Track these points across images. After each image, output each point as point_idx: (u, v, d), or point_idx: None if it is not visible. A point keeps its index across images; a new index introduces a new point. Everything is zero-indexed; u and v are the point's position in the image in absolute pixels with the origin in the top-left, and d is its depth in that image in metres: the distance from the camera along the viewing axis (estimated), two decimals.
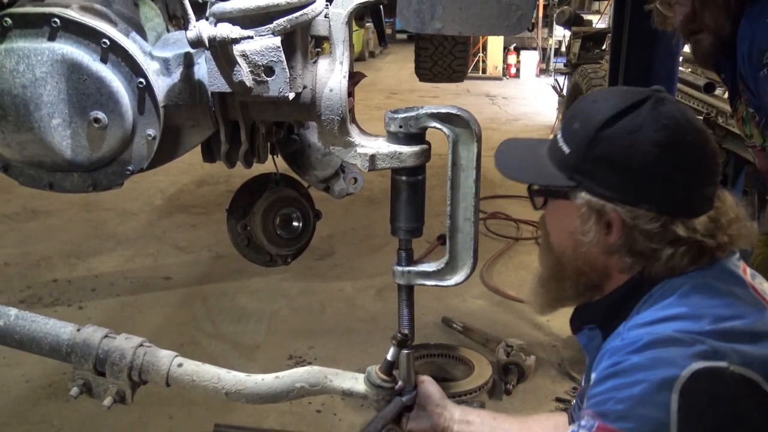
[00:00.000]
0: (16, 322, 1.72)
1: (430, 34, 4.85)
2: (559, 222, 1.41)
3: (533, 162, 1.42)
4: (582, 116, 1.35)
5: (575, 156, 1.33)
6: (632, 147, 1.26)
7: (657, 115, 1.28)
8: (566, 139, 1.36)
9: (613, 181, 1.29)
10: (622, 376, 1.21)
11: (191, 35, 1.54)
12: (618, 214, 1.30)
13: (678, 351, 1.18)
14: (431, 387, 1.75)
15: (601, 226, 1.33)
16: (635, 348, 1.22)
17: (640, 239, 1.30)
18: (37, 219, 6.00)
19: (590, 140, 1.30)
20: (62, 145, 1.77)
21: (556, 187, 1.37)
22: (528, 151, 1.48)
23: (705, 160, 1.30)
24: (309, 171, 2.53)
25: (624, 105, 1.30)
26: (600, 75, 5.84)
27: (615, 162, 1.28)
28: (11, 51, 1.70)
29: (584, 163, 1.31)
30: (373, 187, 6.21)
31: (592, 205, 1.32)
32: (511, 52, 16.90)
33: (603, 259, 1.37)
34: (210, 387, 1.66)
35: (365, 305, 4.53)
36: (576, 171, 1.33)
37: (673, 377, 1.15)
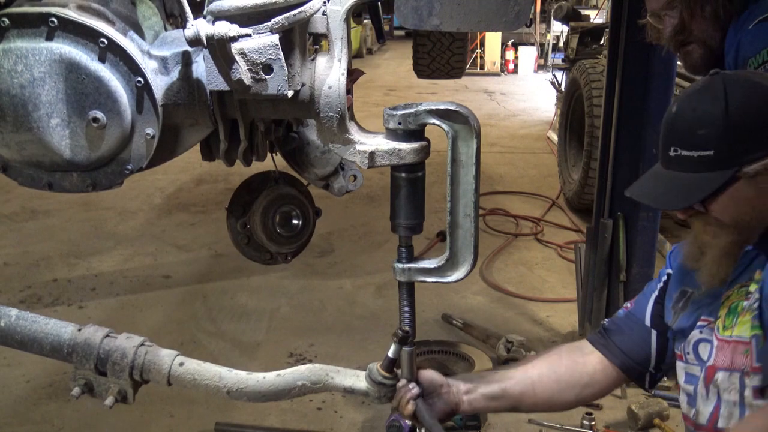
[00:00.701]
0: (17, 323, 1.71)
1: (427, 30, 4.85)
2: (736, 202, 1.50)
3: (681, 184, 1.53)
4: (700, 123, 1.48)
5: (723, 149, 1.46)
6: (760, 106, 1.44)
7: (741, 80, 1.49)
8: (700, 147, 1.48)
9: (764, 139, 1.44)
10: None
11: (189, 34, 1.53)
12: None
13: None
14: (429, 373, 1.79)
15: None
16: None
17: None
18: (36, 219, 6.00)
19: (727, 127, 1.44)
20: (61, 145, 1.77)
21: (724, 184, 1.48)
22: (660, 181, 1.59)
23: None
24: (308, 168, 2.53)
25: (718, 93, 1.46)
26: (598, 70, 5.83)
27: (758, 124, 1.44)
28: (9, 51, 1.70)
29: (736, 146, 1.45)
30: (373, 185, 6.22)
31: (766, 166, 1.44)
32: (509, 48, 16.89)
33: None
34: (211, 386, 1.66)
35: (365, 302, 4.54)
36: (732, 157, 1.45)
37: None
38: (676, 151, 1.51)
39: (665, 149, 1.53)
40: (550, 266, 5.19)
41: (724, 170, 1.46)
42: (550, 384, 1.81)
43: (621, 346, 1.80)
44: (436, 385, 1.76)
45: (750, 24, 1.97)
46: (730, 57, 2.03)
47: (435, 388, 1.76)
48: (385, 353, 1.70)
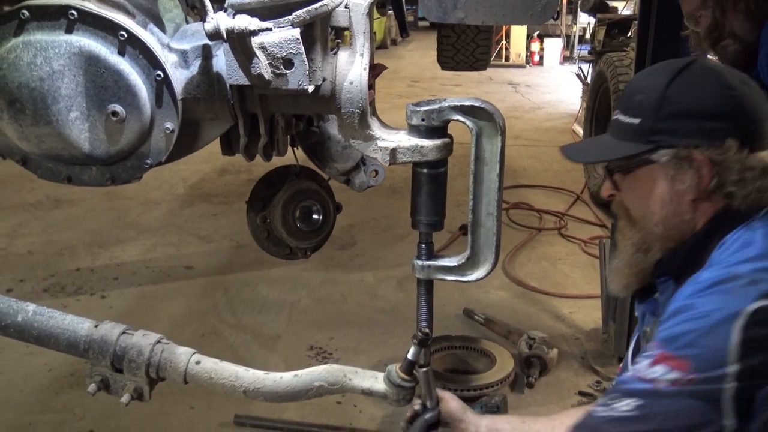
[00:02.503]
0: (34, 318, 1.71)
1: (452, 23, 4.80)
2: (643, 190, 1.46)
3: (601, 146, 1.52)
4: (641, 89, 1.46)
5: (648, 121, 1.41)
6: (703, 93, 1.38)
7: (708, 67, 1.44)
8: (632, 113, 1.45)
9: (689, 129, 1.38)
10: (688, 310, 1.28)
11: (209, 27, 1.51)
12: (705, 156, 1.37)
13: (745, 288, 1.25)
14: (452, 403, 1.73)
15: (690, 174, 1.40)
16: (701, 289, 1.30)
17: (731, 174, 1.37)
18: (60, 208, 6.05)
19: (659, 102, 1.40)
20: (80, 139, 1.75)
21: (635, 156, 1.44)
22: (591, 141, 1.60)
23: (759, 95, 1.41)
24: (329, 163, 2.50)
25: (677, 67, 1.42)
26: (625, 63, 5.75)
27: (689, 111, 1.38)
28: (29, 44, 1.69)
29: (659, 123, 1.40)
30: (395, 177, 6.18)
31: (679, 156, 1.39)
32: (535, 40, 16.77)
33: (692, 209, 1.43)
34: (228, 385, 1.64)
35: (386, 296, 4.52)
36: (652, 133, 1.41)
37: (736, 312, 1.23)
38: (617, 114, 1.49)
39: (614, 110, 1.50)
40: (573, 262, 5.13)
41: (641, 144, 1.42)
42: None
43: None
44: (455, 418, 1.71)
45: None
46: (763, 53, 2.00)
47: (453, 420, 1.71)
48: (405, 349, 1.67)
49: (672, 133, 1.39)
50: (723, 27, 2.06)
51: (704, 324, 1.24)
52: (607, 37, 7.49)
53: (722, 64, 1.48)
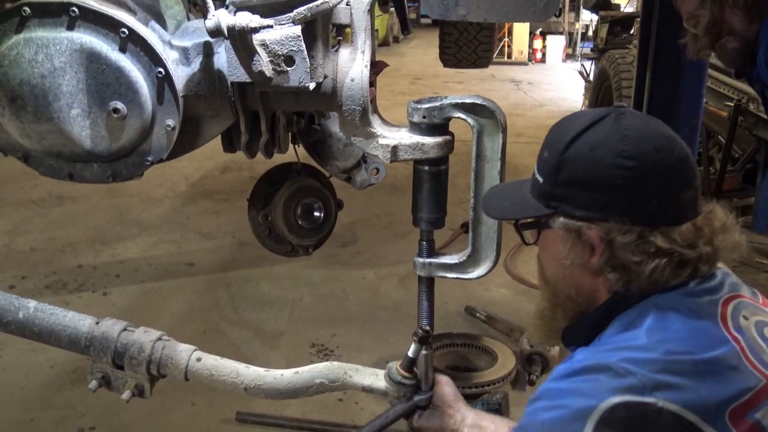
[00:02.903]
0: (36, 315, 1.71)
1: (454, 20, 4.80)
2: (548, 251, 1.40)
3: (517, 199, 1.42)
4: (549, 144, 1.34)
5: (547, 183, 1.32)
6: (595, 162, 1.25)
7: (618, 127, 1.26)
8: (539, 169, 1.35)
9: (583, 200, 1.27)
10: (547, 398, 1.23)
11: (210, 24, 1.51)
12: (594, 231, 1.28)
13: (605, 382, 1.17)
14: (446, 388, 1.74)
15: (582, 247, 1.31)
16: (569, 372, 1.23)
17: (621, 254, 1.27)
18: (62, 205, 6.05)
19: (557, 164, 1.29)
20: (81, 136, 1.76)
21: (534, 218, 1.37)
22: (514, 190, 1.48)
23: (676, 165, 1.26)
24: (330, 161, 2.50)
25: (585, 124, 1.29)
26: (628, 60, 5.74)
27: (581, 180, 1.27)
28: (30, 40, 1.69)
29: (556, 188, 1.30)
30: (397, 174, 6.18)
31: (569, 228, 1.30)
32: (537, 37, 16.74)
33: (590, 282, 1.35)
34: (229, 382, 1.65)
35: (388, 293, 4.51)
36: (551, 198, 1.32)
37: (590, 407, 1.15)
38: (536, 164, 1.39)
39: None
40: None
41: (543, 206, 1.33)
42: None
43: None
44: (444, 402, 1.71)
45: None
46: (762, 52, 1.99)
47: (442, 404, 1.71)
48: (406, 347, 1.67)
49: (567, 201, 1.29)
50: (722, 24, 2.05)
51: (559, 415, 1.19)
52: (609, 34, 7.48)
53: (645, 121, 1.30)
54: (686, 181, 1.26)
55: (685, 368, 1.16)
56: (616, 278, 1.30)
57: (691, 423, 1.13)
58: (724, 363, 1.18)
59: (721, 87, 5.59)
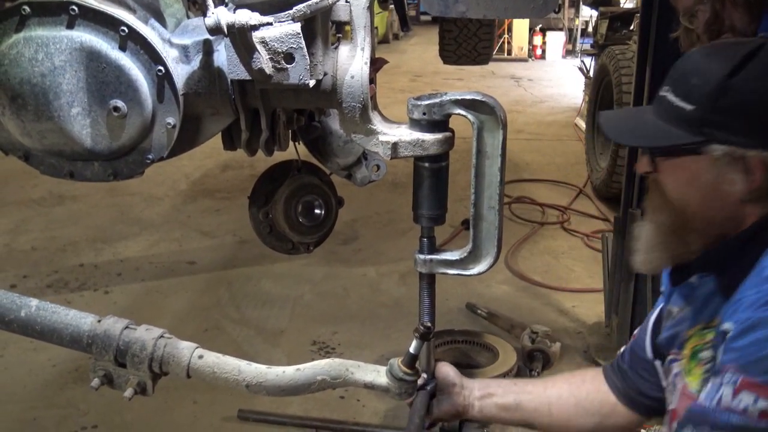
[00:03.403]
0: (37, 313, 1.71)
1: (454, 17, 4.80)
2: (688, 178, 1.36)
3: (647, 126, 1.39)
4: (699, 71, 1.32)
5: (702, 110, 1.29)
6: (765, 91, 1.25)
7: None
8: (685, 96, 1.32)
9: (750, 127, 1.27)
10: (761, 330, 1.19)
11: (209, 22, 1.51)
12: (761, 159, 1.27)
13: None
14: (445, 368, 1.75)
15: (744, 173, 1.30)
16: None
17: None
18: (63, 204, 6.06)
19: (717, 92, 1.27)
20: (82, 134, 1.76)
21: (684, 146, 1.33)
22: (633, 118, 1.46)
23: None
24: (331, 158, 2.49)
25: (742, 54, 1.28)
26: (628, 56, 5.73)
27: (750, 108, 1.26)
28: (30, 39, 1.69)
29: (714, 115, 1.28)
30: (397, 171, 6.19)
31: (732, 154, 1.29)
32: (537, 33, 16.73)
33: (739, 208, 1.34)
34: (231, 379, 1.65)
35: (389, 290, 4.52)
36: (705, 125, 1.30)
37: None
38: (666, 92, 1.37)
39: (661, 85, 1.39)
40: (576, 256, 5.13)
41: (692, 134, 1.31)
42: (568, 407, 1.72)
43: (632, 386, 1.67)
44: (448, 383, 1.72)
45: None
46: None
47: (447, 386, 1.72)
48: (408, 343, 1.67)
49: (728, 128, 1.27)
50: (722, 20, 2.04)
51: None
52: (609, 30, 7.47)
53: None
54: None
55: None
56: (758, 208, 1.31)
57: None
58: None
59: None
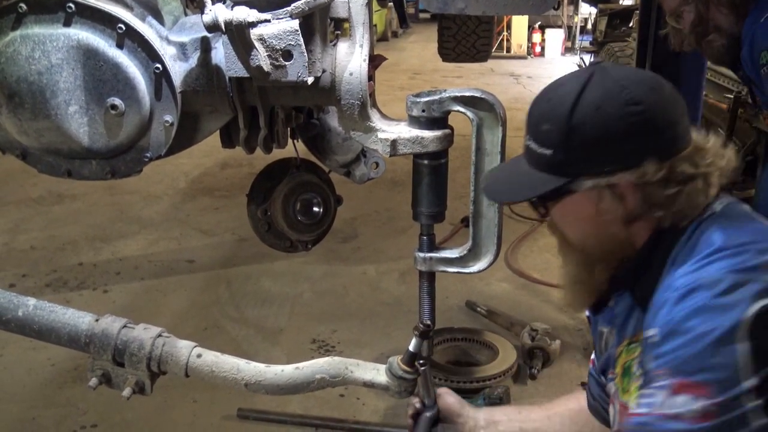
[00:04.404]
0: (35, 312, 1.71)
1: (453, 13, 4.79)
2: (573, 216, 1.41)
3: (521, 178, 1.43)
4: (546, 117, 1.35)
5: (560, 153, 1.33)
6: (606, 118, 1.28)
7: (609, 81, 1.30)
8: (542, 143, 1.35)
9: (606, 155, 1.30)
10: (686, 329, 1.20)
11: (207, 19, 1.50)
12: (626, 181, 1.30)
13: (736, 294, 1.18)
14: (449, 398, 1.73)
15: (616, 199, 1.33)
16: (692, 297, 1.22)
17: (657, 192, 1.30)
18: (62, 203, 6.04)
19: (566, 133, 1.30)
20: (79, 133, 1.75)
21: (555, 190, 1.36)
22: (510, 171, 1.49)
23: (671, 95, 1.33)
24: (329, 156, 2.49)
25: (577, 88, 1.31)
26: (627, 53, 5.73)
27: (599, 139, 1.29)
28: (27, 37, 1.68)
29: (571, 154, 1.31)
30: (397, 169, 6.17)
31: (599, 185, 1.32)
32: (536, 31, 16.70)
33: (626, 230, 1.37)
34: (229, 378, 1.64)
35: (389, 288, 4.51)
36: (567, 165, 1.33)
37: (737, 321, 1.16)
38: (528, 140, 1.39)
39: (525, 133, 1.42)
40: None
41: (560, 177, 1.34)
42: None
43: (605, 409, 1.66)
44: (452, 412, 1.71)
45: (762, 16, 1.93)
46: (745, 49, 2.00)
47: (450, 415, 1.71)
48: (407, 342, 1.67)
49: (587, 162, 1.31)
50: (707, 22, 2.04)
51: (707, 343, 1.17)
52: (608, 27, 7.49)
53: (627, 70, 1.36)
54: (682, 106, 1.34)
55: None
56: (644, 225, 1.35)
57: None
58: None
59: (720, 79, 5.57)
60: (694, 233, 1.31)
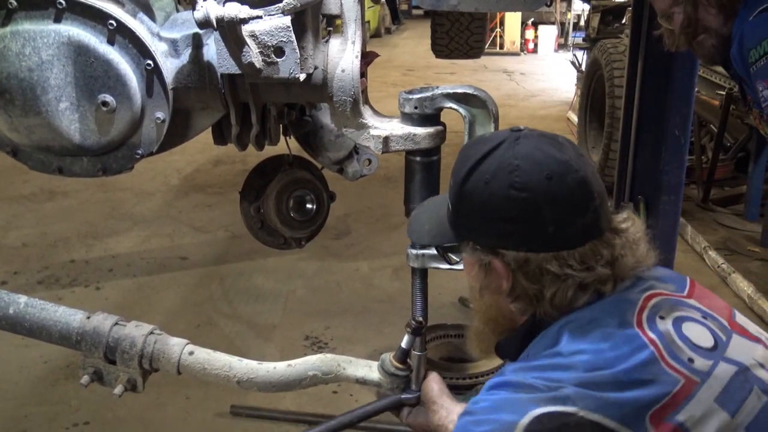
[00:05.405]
0: (26, 310, 1.70)
1: (446, 10, 4.79)
2: (468, 275, 1.40)
3: (436, 222, 1.43)
4: (454, 172, 1.34)
5: (453, 213, 1.34)
6: (491, 195, 1.26)
7: (511, 155, 1.26)
8: (449, 196, 1.36)
9: (484, 230, 1.29)
10: (473, 414, 1.23)
11: (199, 15, 1.50)
12: (498, 261, 1.29)
13: (526, 396, 1.18)
14: (432, 384, 1.70)
15: (491, 274, 1.33)
16: (497, 389, 1.24)
17: (523, 282, 1.28)
18: (54, 200, 6.02)
19: (459, 196, 1.31)
20: (70, 129, 1.74)
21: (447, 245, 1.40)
22: (436, 211, 1.48)
23: (569, 191, 1.24)
24: (322, 152, 2.48)
25: (483, 152, 1.29)
26: (620, 50, 5.73)
27: (479, 211, 1.28)
28: (17, 34, 1.67)
29: (460, 218, 1.33)
30: (390, 166, 6.17)
31: (476, 256, 1.32)
32: (529, 27, 16.72)
33: (506, 305, 1.36)
34: (222, 375, 1.64)
35: (382, 285, 4.51)
36: (457, 226, 1.34)
37: (515, 420, 1.16)
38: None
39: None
40: None
41: (454, 235, 1.36)
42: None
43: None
44: (428, 399, 1.68)
45: (751, 15, 1.94)
46: (734, 48, 2.00)
47: (427, 400, 1.69)
48: (400, 338, 1.67)
49: (470, 230, 1.32)
50: (696, 22, 2.05)
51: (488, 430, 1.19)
52: (601, 23, 7.47)
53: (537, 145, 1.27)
54: (582, 206, 1.25)
55: (604, 381, 1.17)
56: (523, 305, 1.33)
57: (612, 430, 1.15)
58: (643, 370, 1.18)
59: (712, 76, 5.59)
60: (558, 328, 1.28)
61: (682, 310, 1.29)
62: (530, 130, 1.32)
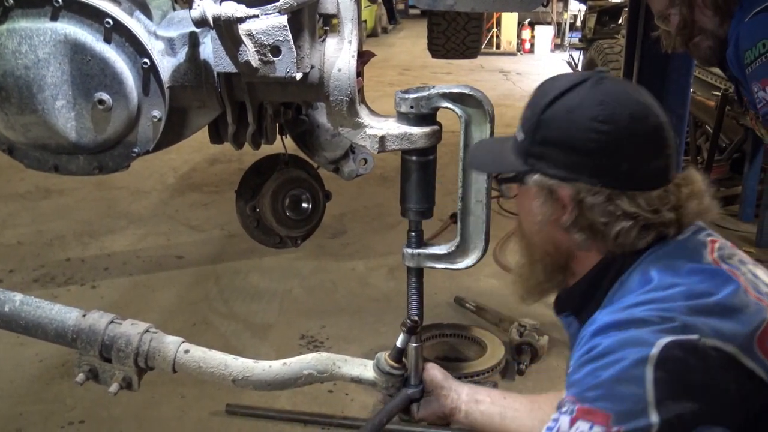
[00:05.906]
0: (21, 308, 1.70)
1: (442, 10, 4.79)
2: (524, 207, 1.43)
3: (498, 154, 1.46)
4: (532, 103, 1.37)
5: (527, 141, 1.35)
6: (571, 124, 1.28)
7: (595, 92, 1.29)
8: (522, 127, 1.38)
9: (558, 159, 1.31)
10: (596, 360, 1.21)
11: (195, 14, 1.49)
12: (566, 190, 1.31)
13: (648, 329, 1.19)
14: (433, 371, 1.74)
15: (554, 204, 1.34)
16: (607, 332, 1.23)
17: (589, 214, 1.30)
18: (50, 198, 6.02)
19: (536, 123, 1.33)
20: (66, 128, 1.74)
21: (511, 173, 1.40)
22: (497, 145, 1.52)
23: (648, 132, 1.29)
24: (318, 152, 2.48)
25: (566, 86, 1.32)
26: (616, 50, 5.75)
27: (557, 141, 1.30)
28: (13, 31, 1.67)
29: (534, 147, 1.34)
30: (386, 165, 6.16)
31: (542, 185, 1.33)
32: (526, 27, 16.74)
33: (565, 239, 1.38)
34: (217, 373, 1.64)
35: (377, 284, 4.52)
36: (529, 155, 1.35)
37: (645, 353, 1.16)
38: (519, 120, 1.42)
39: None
40: None
41: (522, 164, 1.36)
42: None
43: None
44: (435, 384, 1.71)
45: (746, 16, 1.95)
46: (730, 49, 2.01)
47: (434, 387, 1.71)
48: (396, 337, 1.67)
49: (543, 159, 1.32)
50: (692, 24, 2.06)
51: (618, 369, 1.17)
52: (597, 24, 7.51)
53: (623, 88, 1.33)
54: (658, 149, 1.30)
55: (709, 308, 1.20)
56: (583, 238, 1.34)
57: (731, 355, 1.17)
58: (737, 298, 1.23)
59: (708, 77, 5.60)
60: (643, 267, 1.30)
61: (741, 254, 1.36)
62: (611, 75, 1.36)
